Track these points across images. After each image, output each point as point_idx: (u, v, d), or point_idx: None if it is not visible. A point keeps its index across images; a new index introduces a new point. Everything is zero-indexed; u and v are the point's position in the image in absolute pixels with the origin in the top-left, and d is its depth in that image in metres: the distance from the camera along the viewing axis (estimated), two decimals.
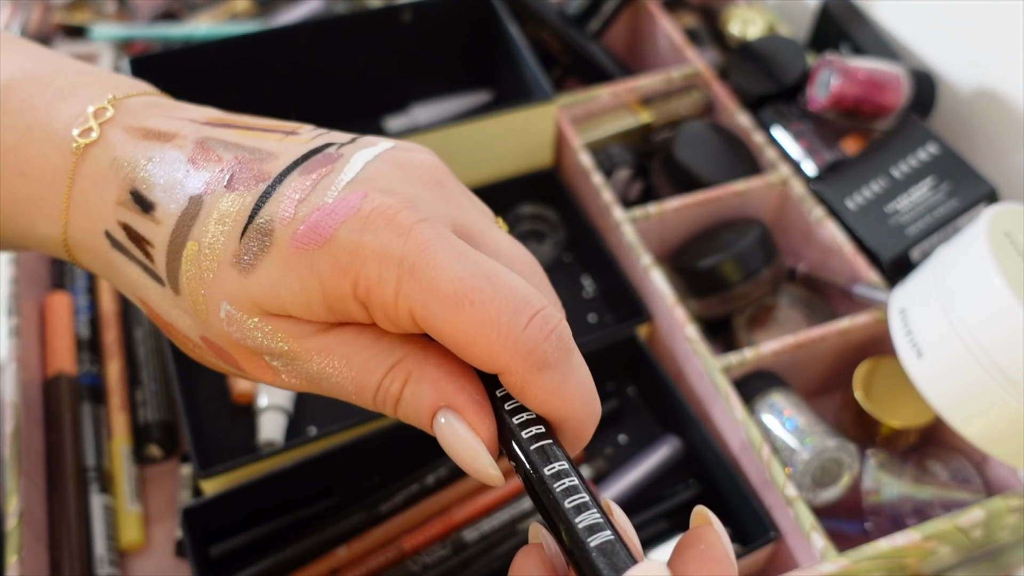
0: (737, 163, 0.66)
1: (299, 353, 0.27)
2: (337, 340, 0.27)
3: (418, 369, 0.26)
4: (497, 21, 0.69)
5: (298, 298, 0.26)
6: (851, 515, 0.54)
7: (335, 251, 0.25)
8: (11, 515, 0.48)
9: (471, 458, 0.26)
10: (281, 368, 0.28)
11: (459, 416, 0.26)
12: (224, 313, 0.27)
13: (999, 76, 0.64)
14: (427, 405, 0.26)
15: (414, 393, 0.26)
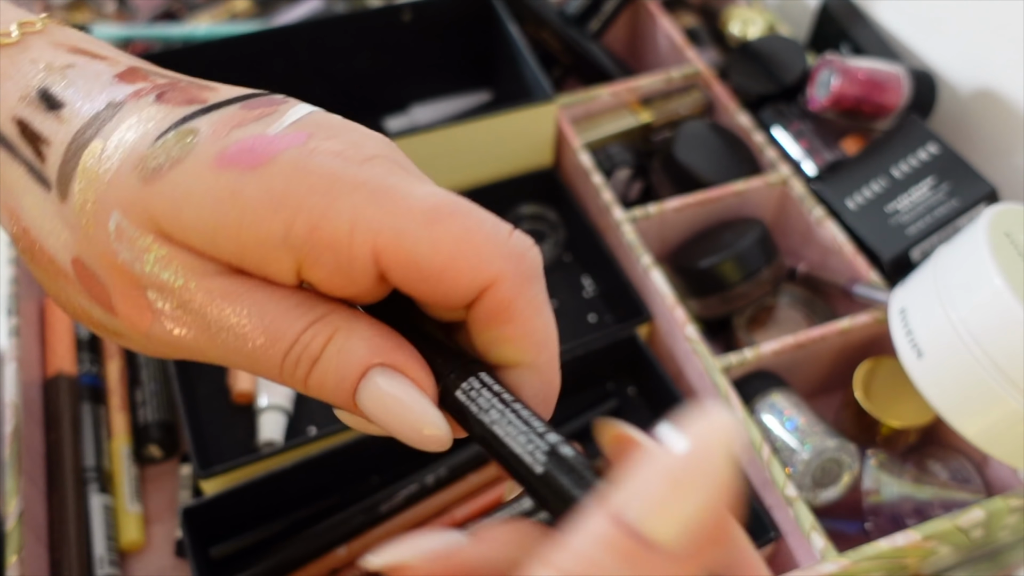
0: (737, 163, 0.66)
1: (195, 295, 0.22)
2: (247, 287, 0.22)
3: (347, 325, 0.22)
4: (497, 21, 0.69)
5: (203, 225, 0.21)
6: (851, 515, 0.54)
7: (270, 178, 0.21)
8: (11, 515, 0.48)
9: (416, 418, 0.22)
10: (166, 311, 0.22)
11: (400, 374, 0.22)
12: (114, 225, 0.22)
13: (999, 76, 0.64)
14: (356, 363, 0.22)
15: (341, 350, 0.22)
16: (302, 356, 0.22)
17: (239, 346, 0.22)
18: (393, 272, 0.22)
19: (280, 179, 0.21)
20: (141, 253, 0.22)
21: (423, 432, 0.22)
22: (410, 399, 0.22)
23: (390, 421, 0.22)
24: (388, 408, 0.22)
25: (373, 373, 0.22)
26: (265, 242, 0.21)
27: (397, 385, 0.22)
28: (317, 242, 0.21)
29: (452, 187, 0.65)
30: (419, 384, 0.22)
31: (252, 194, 0.21)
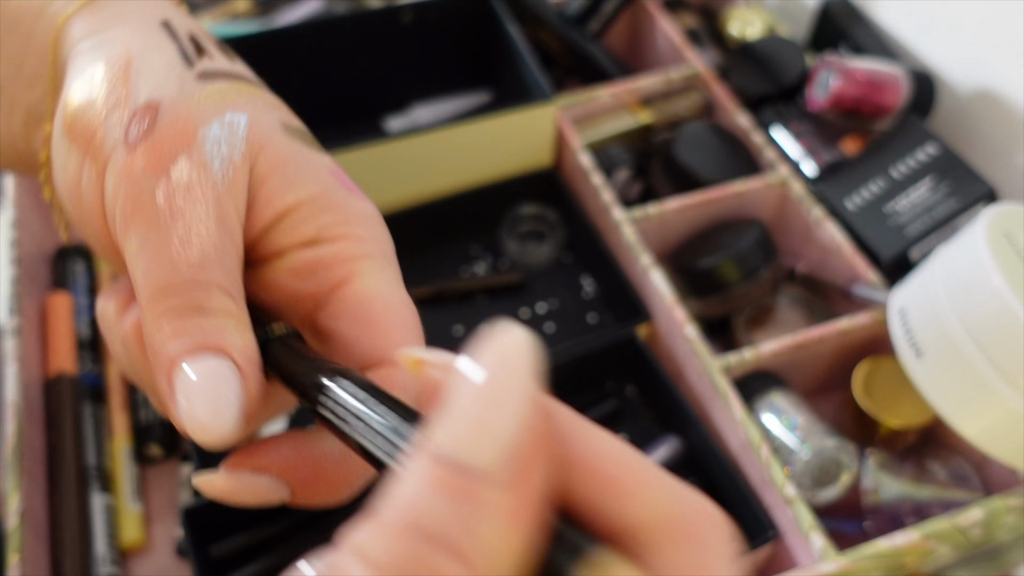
0: (737, 163, 0.66)
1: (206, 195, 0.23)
2: (231, 231, 0.24)
3: (247, 325, 0.23)
4: (497, 22, 0.69)
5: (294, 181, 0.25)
6: (850, 515, 0.55)
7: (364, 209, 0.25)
8: (12, 514, 0.48)
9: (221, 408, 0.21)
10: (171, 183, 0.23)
11: (233, 366, 0.22)
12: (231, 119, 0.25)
13: (998, 77, 0.64)
14: (220, 343, 0.22)
15: (222, 329, 0.22)
16: (199, 298, 0.22)
17: (174, 246, 0.22)
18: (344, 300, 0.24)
19: (362, 210, 0.25)
20: (224, 144, 0.24)
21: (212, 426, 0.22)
22: (227, 398, 0.22)
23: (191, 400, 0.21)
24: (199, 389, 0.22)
25: (222, 359, 0.22)
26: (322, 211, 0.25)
27: (228, 382, 0.22)
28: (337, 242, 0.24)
29: (453, 187, 0.65)
30: (248, 400, 0.22)
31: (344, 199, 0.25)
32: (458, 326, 0.62)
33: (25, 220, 0.63)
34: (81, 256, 0.65)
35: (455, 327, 0.62)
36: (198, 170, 0.23)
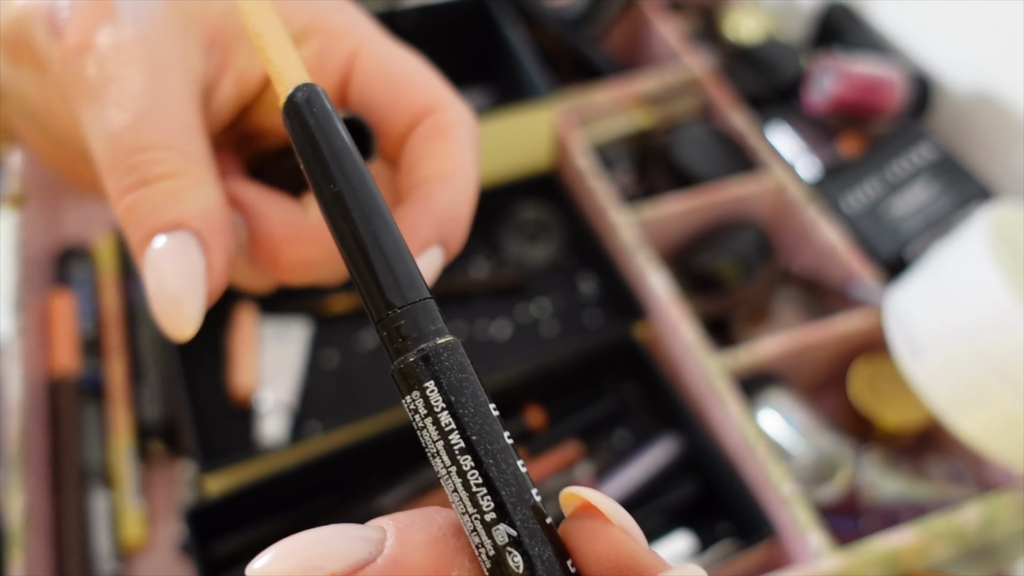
0: (735, 164, 0.67)
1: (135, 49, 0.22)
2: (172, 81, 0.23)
3: (200, 180, 0.22)
4: (497, 25, 0.69)
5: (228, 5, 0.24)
6: (847, 513, 0.55)
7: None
8: (16, 512, 0.48)
9: (181, 288, 0.21)
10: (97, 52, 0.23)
11: (200, 252, 0.21)
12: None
13: (995, 78, 0.65)
14: (173, 214, 0.21)
15: (173, 193, 0.21)
16: (140, 168, 0.21)
17: (110, 116, 0.22)
18: (360, 74, 0.24)
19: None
20: (142, 2, 0.23)
21: (169, 315, 0.21)
22: (185, 276, 0.21)
23: (151, 284, 0.21)
24: (160, 271, 0.21)
25: (181, 233, 0.21)
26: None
27: (188, 256, 0.21)
28: (315, 27, 0.24)
29: None
30: (211, 271, 0.21)
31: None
32: (458, 325, 0.63)
33: (29, 220, 0.63)
34: (84, 256, 0.66)
35: (455, 326, 0.62)
36: (123, 31, 0.23)
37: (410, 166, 0.24)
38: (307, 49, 0.25)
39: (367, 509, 0.51)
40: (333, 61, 0.25)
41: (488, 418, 0.16)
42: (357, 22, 0.25)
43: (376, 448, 0.53)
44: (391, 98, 0.25)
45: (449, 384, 0.16)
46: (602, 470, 0.55)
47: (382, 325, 0.17)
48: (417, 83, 0.25)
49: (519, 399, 0.56)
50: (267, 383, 0.58)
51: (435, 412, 0.16)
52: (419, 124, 0.25)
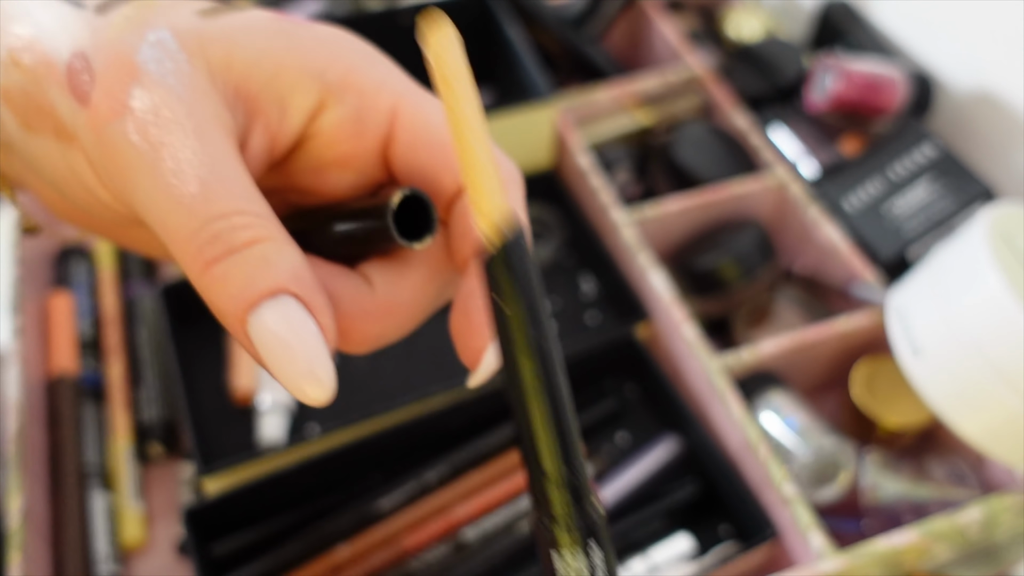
0: (735, 164, 0.67)
1: (177, 110, 0.21)
2: (221, 142, 0.21)
3: (283, 239, 0.21)
4: (497, 24, 0.69)
5: (252, 47, 0.23)
6: (849, 514, 0.55)
7: (319, 30, 0.24)
8: (14, 513, 0.48)
9: (304, 367, 0.20)
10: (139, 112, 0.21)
11: (310, 313, 0.21)
12: (155, 38, 0.22)
13: (997, 78, 0.65)
14: (272, 281, 0.20)
15: (266, 259, 0.20)
16: (221, 237, 0.20)
17: (172, 184, 0.21)
18: (403, 134, 0.23)
19: (328, 33, 0.23)
20: (164, 60, 0.22)
21: (304, 383, 0.20)
22: (307, 342, 0.20)
23: (274, 357, 0.20)
24: (284, 342, 0.20)
25: (284, 298, 0.20)
26: (304, 69, 0.23)
27: (305, 322, 0.20)
28: (348, 84, 0.23)
29: None
30: (325, 332, 0.21)
31: (302, 36, 0.23)
32: None
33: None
34: (83, 256, 0.65)
35: None
36: (156, 92, 0.21)
37: (466, 231, 0.23)
38: (342, 109, 0.23)
39: (367, 510, 0.51)
40: (373, 122, 0.24)
41: None
42: (391, 75, 0.24)
43: (375, 449, 0.52)
44: (438, 159, 0.23)
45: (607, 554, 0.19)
46: (602, 471, 0.55)
47: (552, 482, 0.18)
48: None
49: None
50: (266, 384, 0.57)
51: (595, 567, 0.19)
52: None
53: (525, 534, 0.51)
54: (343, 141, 0.23)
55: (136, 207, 0.22)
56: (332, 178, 0.25)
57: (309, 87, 0.23)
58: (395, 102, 0.23)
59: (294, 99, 0.23)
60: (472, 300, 0.23)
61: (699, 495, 0.54)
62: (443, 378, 0.58)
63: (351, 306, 0.23)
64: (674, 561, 0.51)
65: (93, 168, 0.22)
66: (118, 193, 0.22)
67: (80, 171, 0.23)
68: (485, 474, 0.53)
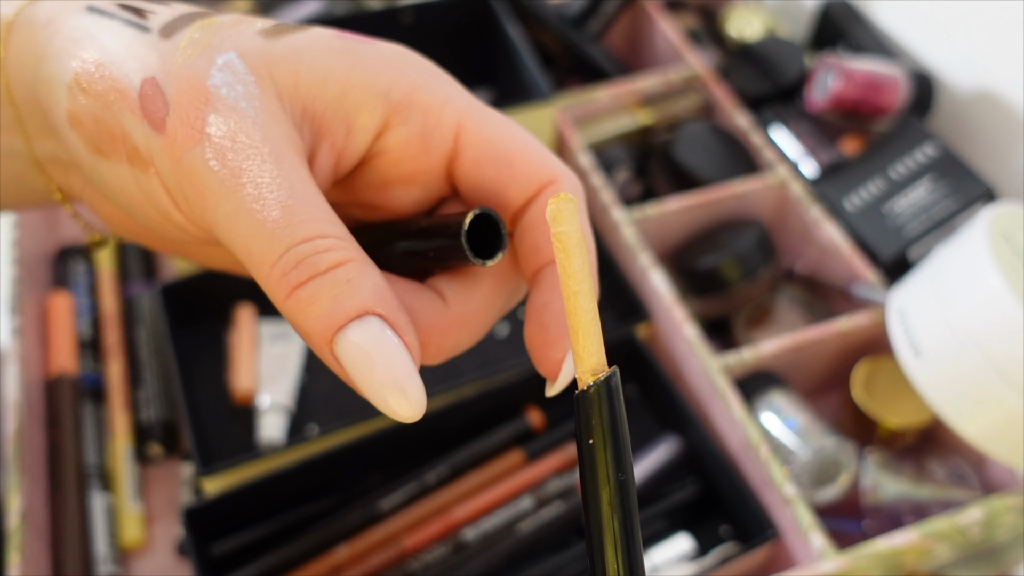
0: (736, 164, 0.67)
1: (253, 134, 0.22)
2: (297, 165, 0.22)
3: (364, 262, 0.22)
4: (497, 23, 0.69)
5: (319, 67, 0.23)
6: (849, 514, 0.55)
7: (383, 50, 0.24)
8: (13, 514, 0.48)
9: (393, 382, 0.21)
10: (215, 138, 0.22)
11: (395, 331, 0.21)
12: (223, 61, 0.23)
13: (998, 77, 0.65)
14: (357, 302, 0.21)
15: (351, 280, 0.21)
16: (306, 260, 0.21)
17: (254, 210, 0.21)
18: (469, 150, 0.24)
19: (390, 52, 0.24)
20: (235, 83, 0.22)
21: (393, 400, 0.21)
22: (398, 359, 0.21)
23: (364, 376, 0.21)
24: (372, 360, 0.21)
25: (370, 319, 0.21)
26: (370, 89, 0.23)
27: (391, 341, 0.21)
28: (413, 102, 0.23)
29: None
30: (411, 350, 0.21)
31: (366, 55, 0.24)
32: None
33: (26, 220, 0.63)
34: (82, 256, 0.65)
35: None
36: (231, 117, 0.22)
37: (536, 246, 0.24)
38: (408, 128, 0.24)
39: (367, 510, 0.51)
40: (438, 140, 0.24)
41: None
42: (454, 92, 0.24)
43: (375, 449, 0.52)
44: (504, 175, 0.24)
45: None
46: None
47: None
48: (528, 157, 0.24)
49: (519, 399, 0.56)
50: (266, 384, 0.57)
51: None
52: (535, 199, 0.24)
53: (525, 534, 0.51)
54: (409, 159, 0.24)
55: (216, 231, 0.22)
56: (397, 194, 0.25)
57: (375, 107, 0.23)
58: (459, 119, 0.24)
59: (360, 119, 0.23)
60: (548, 312, 0.24)
61: (700, 495, 0.54)
62: (443, 378, 0.58)
63: (427, 320, 0.24)
64: (674, 562, 0.51)
65: (169, 193, 0.23)
66: (197, 218, 0.23)
67: (155, 195, 0.23)
68: (485, 474, 0.53)
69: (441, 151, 0.24)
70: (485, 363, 0.59)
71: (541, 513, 0.52)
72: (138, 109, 0.22)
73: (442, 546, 0.50)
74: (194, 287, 0.60)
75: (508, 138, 0.24)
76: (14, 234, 0.61)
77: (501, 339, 0.62)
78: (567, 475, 0.53)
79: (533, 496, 0.52)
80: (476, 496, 0.52)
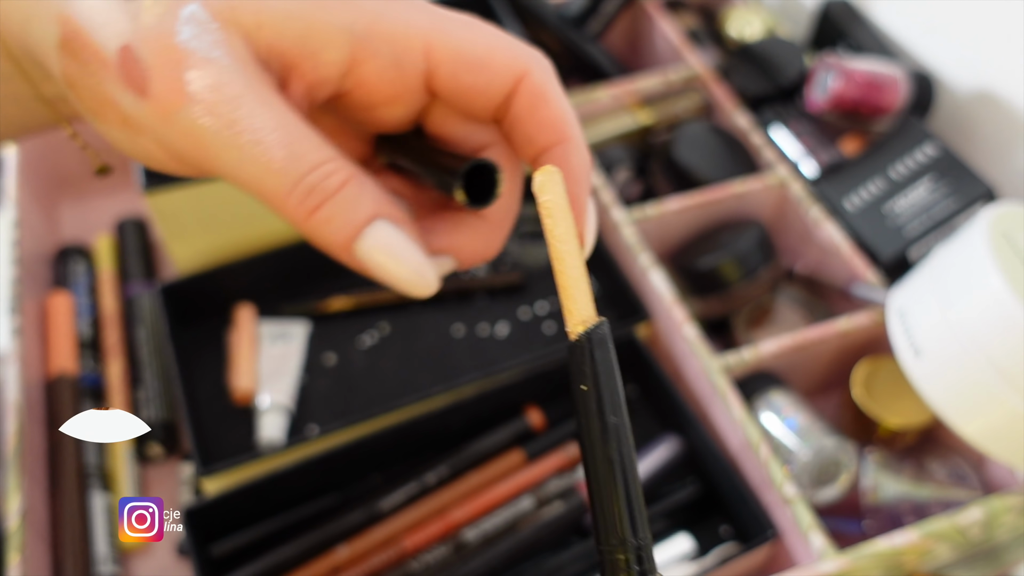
0: (736, 164, 0.67)
1: (235, 81, 0.23)
2: (280, 102, 0.23)
3: (361, 175, 0.24)
4: (497, 22, 0.69)
5: (280, 9, 0.24)
6: (849, 514, 0.55)
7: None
8: (13, 514, 0.48)
9: (413, 266, 0.24)
10: (201, 94, 0.23)
11: (401, 225, 0.24)
12: (187, 12, 0.23)
13: (998, 77, 0.65)
14: (365, 211, 0.24)
15: (357, 195, 0.24)
16: (317, 187, 0.23)
17: (256, 154, 0.23)
18: (442, 66, 0.25)
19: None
20: (202, 33, 0.23)
21: (415, 284, 0.24)
22: (408, 248, 0.24)
23: (388, 266, 0.24)
24: (389, 254, 0.24)
25: (378, 222, 0.24)
26: (332, 25, 0.24)
27: (399, 236, 0.24)
28: (376, 34, 0.24)
29: None
30: (416, 236, 0.25)
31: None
32: (458, 325, 0.62)
33: (26, 220, 0.63)
34: (82, 256, 0.65)
35: (455, 326, 0.62)
36: (209, 71, 0.23)
37: (527, 137, 0.27)
38: (380, 61, 0.25)
39: (366, 511, 0.51)
40: (410, 63, 0.25)
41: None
42: (415, 12, 0.25)
43: (375, 449, 0.52)
44: (480, 80, 0.26)
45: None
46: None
47: (623, 547, 0.21)
48: (496, 57, 0.26)
49: (519, 400, 0.56)
50: (266, 384, 0.57)
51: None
52: (515, 93, 0.26)
53: (525, 534, 0.51)
54: (386, 85, 0.25)
55: (222, 175, 0.24)
56: (383, 113, 0.27)
57: (340, 43, 0.24)
58: (425, 39, 0.25)
59: (326, 54, 0.24)
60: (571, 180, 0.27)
61: (700, 496, 0.54)
62: (443, 378, 0.58)
63: (473, 238, 0.27)
64: (675, 562, 0.51)
65: (166, 151, 0.24)
66: (199, 166, 0.24)
67: (151, 153, 0.25)
68: (485, 474, 0.53)
69: (415, 72, 0.25)
70: (485, 363, 0.59)
71: (541, 513, 0.52)
72: (120, 78, 0.23)
73: (442, 546, 0.50)
74: (194, 287, 0.60)
75: (475, 43, 0.25)
76: (14, 234, 0.61)
77: (501, 339, 0.62)
78: (567, 475, 0.53)
79: (533, 496, 0.52)
80: (476, 496, 0.52)
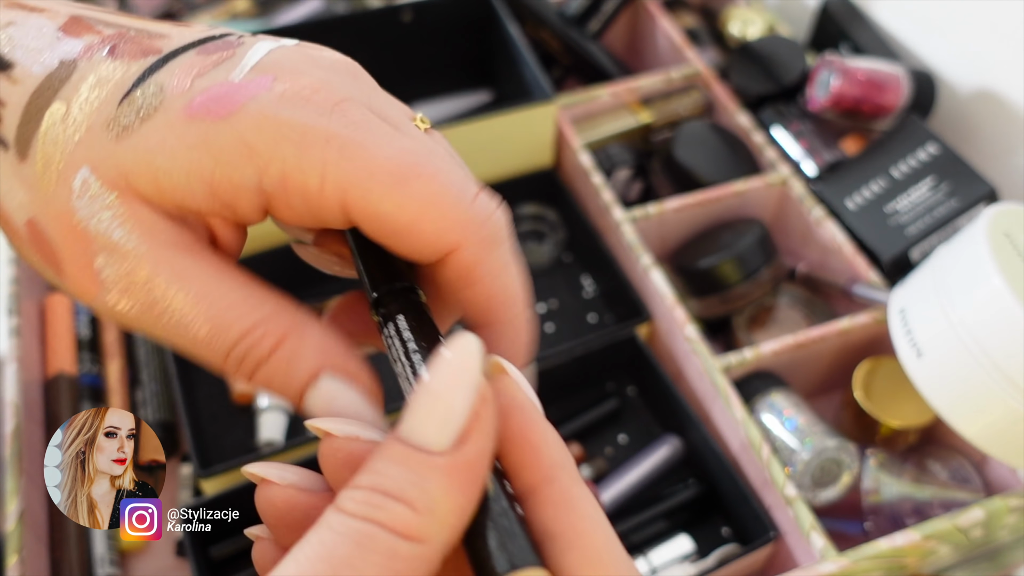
0: (737, 163, 0.66)
1: (144, 264, 0.21)
2: (199, 268, 0.22)
3: (298, 326, 0.22)
4: (497, 21, 0.69)
5: (177, 170, 0.21)
6: (851, 515, 0.55)
7: (241, 127, 0.21)
8: (11, 515, 0.48)
9: (357, 427, 0.22)
10: (113, 281, 0.22)
11: (349, 381, 0.23)
12: (80, 181, 0.22)
13: (999, 76, 0.64)
14: (306, 370, 0.22)
15: (292, 356, 0.22)
16: (248, 355, 0.22)
17: (181, 332, 0.22)
18: (362, 225, 0.22)
19: (250, 129, 0.21)
20: (100, 210, 0.22)
21: (366, 435, 0.22)
22: (356, 410, 0.23)
23: (335, 422, 0.23)
24: (337, 412, 0.23)
25: (323, 379, 0.23)
26: (238, 187, 0.22)
27: (345, 394, 0.23)
28: (288, 189, 0.22)
29: None
30: (368, 391, 0.23)
31: (224, 143, 0.21)
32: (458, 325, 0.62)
33: None
34: None
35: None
36: (115, 255, 0.22)
37: (458, 307, 0.26)
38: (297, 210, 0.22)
39: None
40: (328, 212, 0.22)
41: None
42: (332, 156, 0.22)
43: None
44: (405, 245, 0.23)
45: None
46: (603, 472, 0.55)
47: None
48: (423, 227, 0.22)
49: None
50: None
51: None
52: (442, 265, 0.23)
53: None
54: (306, 222, 0.23)
55: (160, 341, 0.23)
56: (308, 228, 0.25)
57: (249, 199, 0.22)
58: (342, 197, 0.22)
59: (239, 207, 0.22)
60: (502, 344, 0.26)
61: (700, 496, 0.54)
62: None
63: None
64: (675, 563, 0.50)
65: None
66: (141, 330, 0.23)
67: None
68: None
69: (335, 221, 0.23)
70: None
71: None
72: (36, 253, 0.23)
73: None
74: None
75: (401, 209, 0.22)
76: None
77: None
78: None
79: None
80: None
